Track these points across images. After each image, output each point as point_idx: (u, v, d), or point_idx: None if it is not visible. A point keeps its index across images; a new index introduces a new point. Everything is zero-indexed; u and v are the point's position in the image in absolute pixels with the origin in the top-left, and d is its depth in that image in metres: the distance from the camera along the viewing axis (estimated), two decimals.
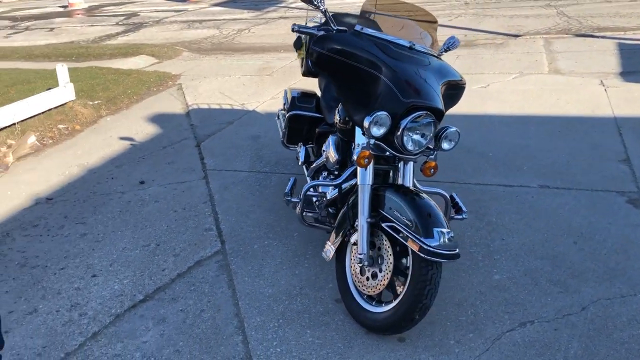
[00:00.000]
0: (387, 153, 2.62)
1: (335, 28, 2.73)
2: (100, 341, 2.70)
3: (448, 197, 2.94)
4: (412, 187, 2.67)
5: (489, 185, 4.03)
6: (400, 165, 2.74)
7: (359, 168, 2.63)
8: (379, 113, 2.47)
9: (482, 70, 6.98)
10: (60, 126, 5.91)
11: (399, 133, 2.50)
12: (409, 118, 2.49)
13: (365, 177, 2.61)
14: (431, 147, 2.66)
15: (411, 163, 2.71)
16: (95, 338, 2.72)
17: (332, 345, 2.58)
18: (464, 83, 2.87)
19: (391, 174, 2.79)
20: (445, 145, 2.67)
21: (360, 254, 2.58)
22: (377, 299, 2.66)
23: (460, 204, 2.98)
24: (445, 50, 2.97)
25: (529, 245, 3.26)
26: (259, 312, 2.84)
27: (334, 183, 2.88)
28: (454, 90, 2.84)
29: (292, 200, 2.96)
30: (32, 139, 5.40)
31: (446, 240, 2.37)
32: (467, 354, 2.49)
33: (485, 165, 4.34)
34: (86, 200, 4.25)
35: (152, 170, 4.66)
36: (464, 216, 2.96)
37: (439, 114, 2.55)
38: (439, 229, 2.39)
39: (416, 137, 2.55)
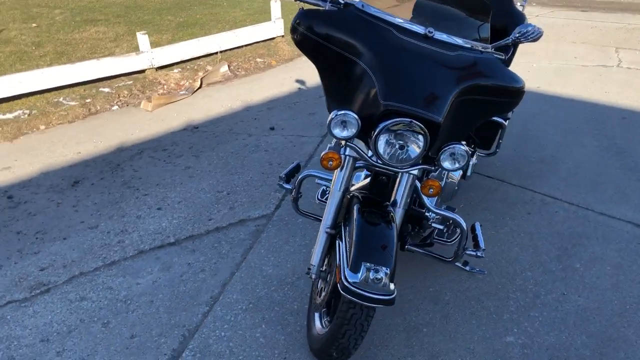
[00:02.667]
0: (373, 159, 2.19)
1: (344, 2, 2.31)
2: (110, 271, 2.97)
3: (464, 226, 2.36)
4: (397, 207, 2.21)
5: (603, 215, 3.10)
6: (400, 177, 2.29)
7: (336, 170, 2.28)
8: (343, 112, 2.06)
9: None
10: (259, 59, 6.31)
11: (372, 139, 2.07)
12: (384, 124, 2.03)
13: (338, 182, 2.26)
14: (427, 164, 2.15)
15: (407, 176, 2.24)
16: (109, 267, 3.00)
17: (270, 349, 2.41)
18: (514, 89, 2.19)
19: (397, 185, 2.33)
20: (446, 164, 2.12)
21: (310, 264, 2.29)
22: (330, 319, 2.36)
23: (480, 237, 2.39)
24: (515, 42, 2.29)
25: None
26: (241, 289, 2.78)
27: (327, 177, 2.55)
28: (496, 97, 2.19)
29: (285, 186, 2.73)
30: (224, 68, 5.90)
31: (371, 278, 1.94)
32: None
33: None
34: (218, 136, 4.55)
35: (290, 118, 4.74)
36: (479, 254, 2.38)
37: (434, 125, 2.02)
38: (369, 265, 1.97)
39: (393, 148, 2.07)
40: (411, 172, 2.16)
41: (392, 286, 1.99)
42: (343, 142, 2.17)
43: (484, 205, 3.39)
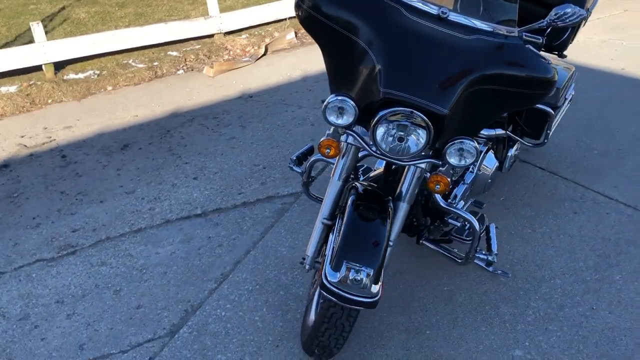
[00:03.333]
0: (374, 150, 2.03)
1: None
2: (135, 238, 3.04)
3: (477, 227, 2.18)
4: (402, 201, 2.06)
5: None
6: (406, 169, 2.14)
7: (338, 157, 2.17)
8: (340, 98, 1.93)
9: None
10: None
11: (370, 128, 1.93)
12: (382, 113, 1.88)
13: (337, 170, 2.14)
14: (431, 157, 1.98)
15: (414, 169, 2.08)
16: (135, 234, 3.07)
17: (265, 335, 2.38)
18: (540, 79, 1.95)
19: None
20: (453, 159, 1.94)
21: (305, 254, 2.21)
22: None
23: (494, 241, 2.22)
24: (548, 26, 2.03)
25: None
26: (252, 268, 2.76)
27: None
28: (518, 88, 1.96)
29: (295, 169, 2.61)
30: (290, 35, 5.82)
31: (350, 279, 1.84)
32: None
33: None
34: (269, 107, 4.52)
35: None
36: (491, 259, 2.20)
37: (439, 117, 1.84)
38: (352, 264, 1.86)
39: (393, 138, 1.92)
40: (419, 164, 1.99)
41: (374, 288, 1.87)
42: (341, 130, 2.03)
43: (527, 200, 3.13)
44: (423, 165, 2.01)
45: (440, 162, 1.97)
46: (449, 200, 2.53)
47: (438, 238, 2.55)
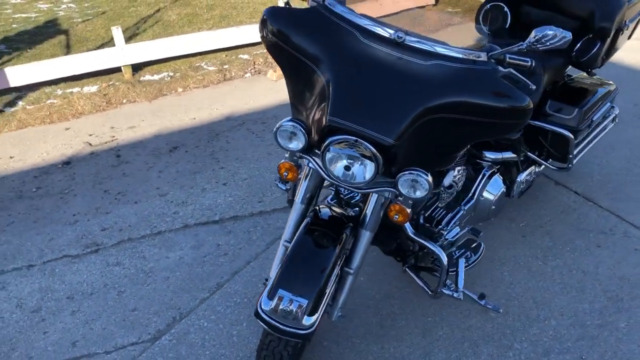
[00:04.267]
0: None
1: None
2: (153, 241, 3.21)
3: (443, 260, 2.08)
4: (363, 228, 2.01)
5: None
6: (370, 195, 2.08)
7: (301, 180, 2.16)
8: (289, 123, 1.93)
9: None
10: None
11: (321, 155, 1.90)
12: (329, 140, 1.85)
13: (300, 193, 2.13)
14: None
15: (376, 196, 2.02)
16: (153, 237, 3.24)
17: (237, 350, 2.42)
18: (509, 109, 1.81)
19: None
20: (404, 190, 1.87)
21: (269, 275, 2.22)
22: None
23: (461, 277, 2.09)
24: (528, 49, 1.87)
25: None
26: (247, 280, 2.80)
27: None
28: (484, 118, 1.83)
29: (280, 185, 2.57)
30: None
31: (284, 309, 1.83)
32: None
33: None
34: None
35: None
36: (456, 295, 2.08)
37: (386, 147, 1.77)
38: (287, 293, 1.85)
39: (341, 166, 1.88)
40: (372, 192, 1.92)
41: (308, 320, 1.83)
42: (297, 153, 2.01)
43: (549, 228, 2.88)
44: (385, 194, 1.93)
45: (394, 191, 1.88)
46: (441, 227, 2.40)
47: (426, 266, 2.44)
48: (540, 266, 2.68)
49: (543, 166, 2.86)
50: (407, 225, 2.11)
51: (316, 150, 1.93)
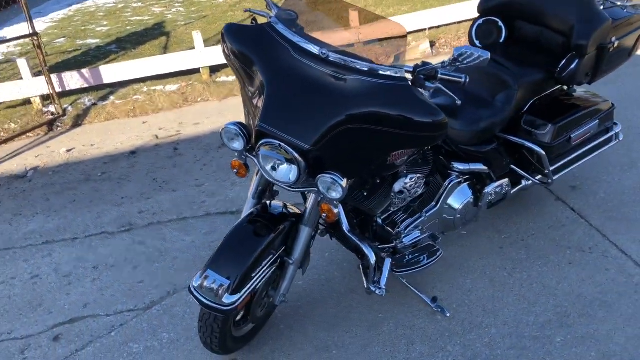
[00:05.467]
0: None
1: (275, 15, 2.33)
2: (177, 225, 3.63)
3: (370, 258, 2.27)
4: (302, 224, 2.27)
5: None
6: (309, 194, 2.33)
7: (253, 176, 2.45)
8: (231, 126, 2.23)
9: None
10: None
11: (256, 155, 2.20)
12: (259, 144, 2.13)
13: (252, 189, 2.42)
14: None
15: (314, 196, 2.26)
16: (178, 222, 3.65)
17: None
18: (421, 123, 1.99)
19: None
20: (321, 189, 2.10)
21: None
22: None
23: (384, 275, 2.27)
24: (449, 66, 2.02)
25: None
26: None
27: None
28: (399, 130, 2.03)
29: None
30: (425, 46, 5.88)
31: (209, 286, 2.13)
32: None
33: None
34: None
35: None
36: (379, 292, 2.27)
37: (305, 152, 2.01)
38: (213, 273, 2.15)
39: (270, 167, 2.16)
40: (297, 191, 2.17)
41: (230, 298, 2.11)
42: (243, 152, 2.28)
43: (530, 242, 2.88)
44: (314, 192, 2.15)
45: (317, 191, 2.10)
46: (399, 229, 2.56)
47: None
48: (504, 277, 2.71)
49: (526, 180, 2.87)
50: (344, 223, 2.29)
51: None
